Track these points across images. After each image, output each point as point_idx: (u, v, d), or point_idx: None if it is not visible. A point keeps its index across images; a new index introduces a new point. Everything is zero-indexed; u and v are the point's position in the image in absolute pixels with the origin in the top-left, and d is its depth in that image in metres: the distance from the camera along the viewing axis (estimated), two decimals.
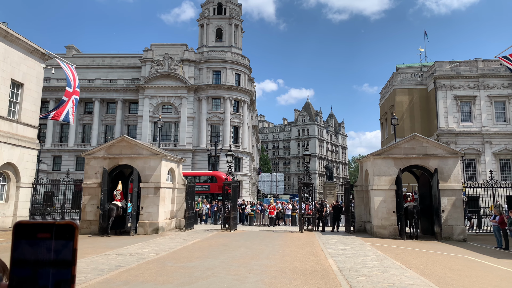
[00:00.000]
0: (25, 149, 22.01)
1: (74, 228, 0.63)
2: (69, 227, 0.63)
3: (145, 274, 9.98)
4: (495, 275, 10.58)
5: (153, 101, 55.61)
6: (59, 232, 0.63)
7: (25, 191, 22.36)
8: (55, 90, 55.51)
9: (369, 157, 21.00)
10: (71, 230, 0.63)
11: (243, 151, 55.79)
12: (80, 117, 57.51)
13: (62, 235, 0.63)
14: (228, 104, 55.17)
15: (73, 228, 0.63)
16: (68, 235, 0.63)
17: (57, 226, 0.63)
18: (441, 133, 41.89)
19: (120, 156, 20.75)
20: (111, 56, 63.03)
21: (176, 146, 53.95)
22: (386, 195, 19.81)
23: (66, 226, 0.63)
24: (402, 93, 47.02)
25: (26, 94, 22.06)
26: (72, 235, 0.63)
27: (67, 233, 0.63)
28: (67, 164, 53.50)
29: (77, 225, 0.64)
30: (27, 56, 22.12)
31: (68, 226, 0.63)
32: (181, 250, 14.41)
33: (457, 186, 19.61)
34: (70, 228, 0.63)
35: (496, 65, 42.78)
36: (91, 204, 20.50)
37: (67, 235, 0.63)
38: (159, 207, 20.36)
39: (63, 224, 0.63)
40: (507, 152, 41.54)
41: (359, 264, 11.64)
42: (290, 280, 9.44)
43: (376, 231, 19.72)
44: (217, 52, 57.31)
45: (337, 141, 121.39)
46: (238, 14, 62.80)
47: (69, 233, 0.63)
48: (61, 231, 0.63)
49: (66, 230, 0.63)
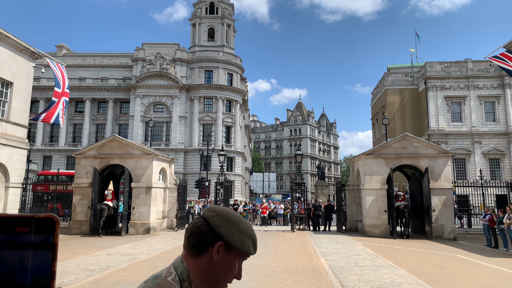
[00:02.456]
0: (14, 148, 21.75)
1: (55, 221, 0.61)
2: (49, 220, 0.60)
3: (136, 274, 9.92)
4: (485, 273, 10.69)
5: (145, 101, 55.31)
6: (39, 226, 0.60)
7: (14, 191, 22.10)
8: (45, 89, 54.92)
9: (361, 157, 21.09)
10: (52, 224, 0.60)
11: (235, 151, 55.72)
12: (71, 116, 57.00)
13: (42, 229, 0.60)
14: (220, 104, 55.06)
15: (53, 221, 0.61)
16: (48, 229, 0.60)
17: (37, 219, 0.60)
18: (431, 133, 42.23)
19: (111, 155, 20.61)
20: (102, 55, 62.52)
21: (168, 146, 53.71)
22: (377, 195, 19.91)
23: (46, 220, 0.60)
24: (393, 93, 47.32)
25: (16, 93, 21.80)
26: (53, 229, 0.61)
27: (47, 227, 0.60)
28: (57, 164, 52.94)
29: (57, 219, 0.62)
30: (17, 55, 21.86)
31: (48, 220, 0.60)
32: (172, 250, 14.34)
33: (448, 185, 19.78)
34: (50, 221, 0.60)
35: (486, 66, 43.23)
36: (82, 204, 20.33)
37: (47, 229, 0.60)
38: (151, 207, 20.25)
39: (43, 217, 0.60)
40: (497, 152, 42.01)
41: (351, 263, 11.68)
42: (282, 280, 9.44)
43: (368, 230, 19.82)
44: (209, 51, 57.15)
45: (329, 141, 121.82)
46: (230, 13, 62.70)
47: (49, 227, 0.60)
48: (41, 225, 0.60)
49: (46, 224, 0.60)
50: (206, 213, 1.32)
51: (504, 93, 42.55)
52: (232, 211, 1.36)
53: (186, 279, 1.25)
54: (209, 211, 1.33)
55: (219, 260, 1.26)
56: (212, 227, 1.27)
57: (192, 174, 50.31)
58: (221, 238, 1.26)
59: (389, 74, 49.27)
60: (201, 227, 1.29)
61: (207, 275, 1.27)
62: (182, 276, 1.25)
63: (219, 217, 1.29)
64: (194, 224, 1.33)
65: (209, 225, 1.28)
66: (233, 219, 1.31)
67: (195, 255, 1.28)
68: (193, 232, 1.30)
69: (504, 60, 22.03)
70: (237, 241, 1.27)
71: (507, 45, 21.56)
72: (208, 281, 1.28)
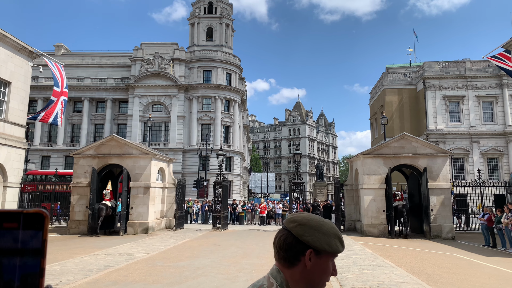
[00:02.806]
0: (12, 148, 21.70)
1: (44, 217, 0.59)
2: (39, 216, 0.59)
3: (135, 274, 9.90)
4: (483, 272, 10.70)
5: (143, 101, 55.22)
6: (28, 221, 0.58)
7: (12, 191, 22.05)
8: (43, 89, 54.80)
9: (359, 156, 21.10)
10: (41, 220, 0.59)
11: (234, 151, 55.69)
12: (69, 116, 56.88)
13: (31, 225, 0.58)
14: (219, 104, 55.02)
15: (42, 217, 0.59)
16: (38, 225, 0.58)
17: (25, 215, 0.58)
18: (430, 133, 42.27)
19: (109, 155, 20.57)
20: (100, 55, 62.40)
21: (166, 145, 53.64)
22: (376, 194, 19.92)
23: (35, 215, 0.59)
24: (392, 93, 47.35)
25: (14, 93, 21.75)
26: (42, 225, 0.59)
27: (36, 223, 0.58)
28: (55, 164, 52.81)
29: (47, 214, 0.60)
30: (15, 54, 21.80)
31: (37, 215, 0.59)
32: (171, 250, 14.32)
33: (446, 185, 19.80)
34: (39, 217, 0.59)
35: (484, 66, 43.29)
36: (80, 204, 20.29)
37: (36, 225, 0.58)
38: (149, 207, 20.22)
39: (31, 212, 0.59)
40: (495, 152, 42.08)
41: (349, 263, 11.69)
42: None
43: (366, 229, 19.83)
44: (208, 51, 57.10)
45: (327, 140, 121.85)
46: (229, 13, 62.67)
47: (39, 222, 0.59)
48: (29, 220, 0.58)
49: (35, 220, 0.58)
50: (288, 225, 1.38)
51: (502, 93, 42.61)
52: (311, 216, 1.40)
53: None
54: (290, 222, 1.38)
55: (313, 266, 1.33)
56: (298, 238, 1.33)
57: (191, 174, 50.27)
58: (309, 245, 1.32)
59: (388, 74, 49.29)
60: (287, 239, 1.35)
61: (305, 281, 1.34)
62: (282, 285, 1.33)
63: (301, 227, 1.34)
64: (280, 237, 1.38)
65: (294, 236, 1.34)
66: (314, 224, 1.35)
67: (288, 266, 1.35)
68: (281, 246, 1.36)
69: (502, 60, 22.08)
70: (324, 244, 1.32)
71: (505, 45, 21.59)
72: (307, 286, 1.34)
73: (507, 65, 21.76)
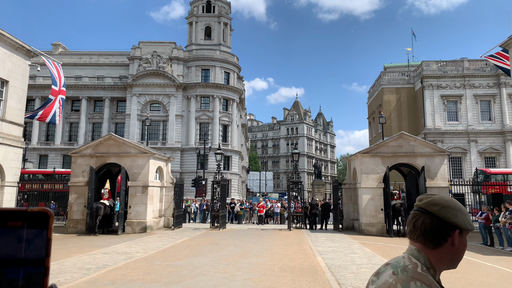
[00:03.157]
0: (10, 147, 21.64)
1: (49, 216, 0.59)
2: (43, 214, 0.59)
3: (133, 273, 9.89)
4: (481, 271, 10.73)
5: (141, 99, 55.14)
6: (32, 220, 0.58)
7: (10, 190, 21.99)
8: (41, 88, 54.66)
9: (357, 155, 21.12)
10: (45, 218, 0.59)
11: (232, 150, 55.68)
12: (67, 115, 56.76)
13: (35, 224, 0.58)
14: (217, 103, 54.98)
15: (47, 216, 0.59)
16: (42, 223, 0.58)
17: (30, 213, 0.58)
18: (428, 132, 42.36)
19: (107, 154, 20.54)
20: (98, 53, 62.27)
21: (164, 144, 53.60)
22: (374, 193, 19.95)
23: (40, 214, 0.59)
24: (390, 92, 47.42)
25: (11, 92, 21.69)
26: (46, 224, 0.59)
27: (41, 222, 0.58)
28: (53, 163, 52.72)
29: (51, 213, 0.60)
30: (12, 53, 21.73)
31: (41, 214, 0.59)
32: (169, 249, 14.32)
33: (444, 184, 19.84)
34: (44, 216, 0.59)
35: (481, 65, 43.40)
36: (78, 203, 20.26)
37: (40, 223, 0.58)
38: (147, 206, 20.21)
39: (36, 211, 0.58)
40: (492, 151, 42.21)
41: (348, 262, 11.71)
42: (279, 278, 9.44)
43: (364, 228, 19.86)
44: (206, 50, 57.04)
45: (325, 139, 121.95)
46: (227, 12, 62.59)
47: (43, 221, 0.58)
48: (34, 219, 0.58)
49: (40, 218, 0.58)
50: (431, 208, 1.44)
51: (499, 92, 42.73)
52: (445, 196, 1.48)
53: (431, 267, 1.42)
54: (431, 205, 1.45)
55: (459, 245, 1.42)
56: (444, 220, 1.40)
57: (189, 173, 50.24)
58: (456, 226, 1.40)
59: (386, 73, 49.37)
60: (433, 223, 1.42)
61: (450, 259, 1.45)
62: (426, 265, 1.41)
63: (445, 209, 1.41)
64: (423, 222, 1.44)
65: (439, 218, 1.41)
66: (454, 205, 1.43)
67: (433, 248, 1.43)
68: (427, 230, 1.42)
69: (500, 59, 22.13)
70: (467, 223, 1.42)
71: (503, 44, 21.64)
72: (450, 263, 1.45)
73: (505, 64, 21.83)
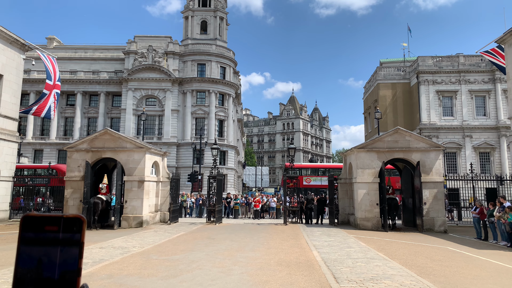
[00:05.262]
0: (4, 142, 21.53)
1: (82, 221, 0.66)
2: (77, 220, 0.65)
3: (130, 267, 9.91)
4: (475, 265, 10.84)
5: (137, 94, 54.92)
6: (67, 225, 0.63)
7: (5, 184, 21.92)
8: (35, 82, 54.30)
9: (353, 150, 21.19)
10: (79, 224, 0.65)
11: (228, 145, 55.67)
12: (62, 109, 56.44)
13: (70, 228, 0.63)
14: (213, 97, 54.87)
15: (80, 221, 0.65)
16: (76, 228, 0.64)
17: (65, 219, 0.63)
18: (423, 127, 42.53)
19: (103, 149, 20.47)
20: (93, 48, 61.86)
21: (160, 139, 53.50)
22: (369, 188, 20.05)
23: (74, 220, 0.64)
24: (386, 88, 47.50)
25: (6, 86, 21.53)
26: (80, 228, 0.65)
27: (75, 226, 0.64)
28: (48, 158, 52.49)
29: (84, 219, 0.66)
30: (6, 47, 21.56)
31: (76, 220, 0.64)
32: (165, 243, 14.34)
33: (439, 178, 19.96)
34: (77, 221, 0.65)
35: (477, 61, 43.54)
36: (73, 198, 20.20)
37: (74, 228, 0.64)
38: (143, 201, 20.19)
39: (71, 217, 0.64)
40: (487, 146, 42.46)
41: (343, 256, 11.78)
42: (275, 272, 9.49)
43: (360, 223, 19.97)
44: (202, 44, 56.81)
45: (321, 135, 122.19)
46: (223, 6, 62.29)
47: (77, 226, 0.64)
48: (68, 224, 0.63)
49: (74, 223, 0.64)
50: None
51: (494, 87, 42.92)
52: None
53: None
54: None
55: None
56: None
57: (185, 167, 50.20)
58: None
59: (382, 68, 49.40)
60: None
61: None
62: None
63: None
64: None
65: None
66: None
67: None
68: None
69: (495, 56, 22.23)
70: None
71: (498, 40, 21.72)
72: None
73: (499, 61, 21.92)
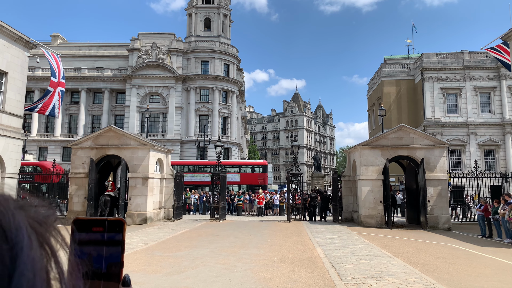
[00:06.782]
0: (9, 139, 21.65)
1: (123, 223, 0.79)
2: (119, 222, 0.78)
3: (134, 264, 9.97)
4: (479, 262, 10.82)
5: (141, 91, 55.00)
6: (110, 226, 0.78)
7: (10, 181, 22.04)
8: (40, 80, 54.48)
9: (357, 148, 21.15)
10: (120, 225, 0.78)
11: (231, 142, 55.69)
12: (67, 107, 56.63)
13: (113, 229, 0.77)
14: (216, 95, 54.87)
15: (121, 223, 0.78)
16: (118, 228, 0.78)
17: (109, 221, 0.78)
18: (427, 124, 42.34)
19: (107, 146, 20.55)
20: (98, 45, 61.97)
21: (164, 136, 53.58)
22: (373, 185, 20.02)
23: (116, 222, 0.78)
24: (390, 85, 47.30)
25: (10, 83, 21.63)
26: (121, 229, 0.78)
27: (117, 227, 0.78)
28: (53, 155, 52.75)
29: (125, 221, 0.80)
30: (11, 44, 21.64)
31: (118, 222, 0.78)
32: (169, 240, 14.40)
33: (443, 176, 19.90)
34: (119, 223, 0.78)
35: (482, 57, 43.24)
36: (78, 195, 20.32)
37: (117, 228, 0.78)
38: (147, 198, 20.28)
39: (113, 220, 0.79)
40: (492, 143, 42.23)
41: (347, 253, 11.79)
42: (279, 269, 9.52)
43: (363, 220, 19.96)
44: (206, 42, 56.77)
45: (325, 132, 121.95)
46: (226, 3, 62.17)
47: (119, 227, 0.78)
48: (112, 225, 0.78)
49: (116, 225, 0.78)
50: None
51: (499, 84, 42.63)
52: None
53: None
54: None
55: None
56: None
57: None
58: None
59: (386, 65, 49.18)
60: None
61: None
62: None
63: None
64: None
65: None
66: None
67: None
68: None
69: (500, 52, 22.08)
70: None
71: (503, 37, 21.56)
72: None
73: (505, 58, 21.78)
